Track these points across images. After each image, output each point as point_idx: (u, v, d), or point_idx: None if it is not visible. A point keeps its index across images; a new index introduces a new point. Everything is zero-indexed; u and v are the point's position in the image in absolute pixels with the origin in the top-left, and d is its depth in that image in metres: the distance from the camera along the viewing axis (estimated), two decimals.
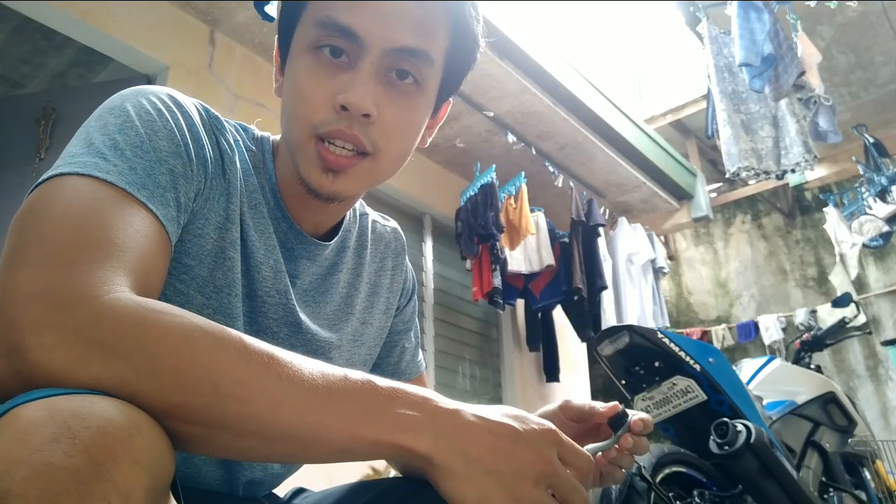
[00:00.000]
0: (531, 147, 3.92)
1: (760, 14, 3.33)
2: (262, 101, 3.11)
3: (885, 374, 5.71)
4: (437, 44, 0.65)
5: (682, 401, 1.94)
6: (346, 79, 0.61)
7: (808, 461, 2.27)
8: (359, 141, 0.62)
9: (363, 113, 0.61)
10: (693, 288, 7.12)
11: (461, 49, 0.68)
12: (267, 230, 0.69)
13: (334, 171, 0.63)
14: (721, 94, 3.82)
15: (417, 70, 0.64)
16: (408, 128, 0.66)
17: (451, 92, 0.73)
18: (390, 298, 0.86)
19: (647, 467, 1.68)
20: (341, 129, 0.62)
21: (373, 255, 0.84)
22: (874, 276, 6.01)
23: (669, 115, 5.76)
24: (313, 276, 0.75)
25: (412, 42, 0.62)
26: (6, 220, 2.24)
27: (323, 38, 0.62)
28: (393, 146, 0.65)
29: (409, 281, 0.90)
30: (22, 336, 0.41)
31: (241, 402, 0.43)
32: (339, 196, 0.67)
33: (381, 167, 0.66)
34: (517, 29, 3.33)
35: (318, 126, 0.62)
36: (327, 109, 0.62)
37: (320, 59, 0.63)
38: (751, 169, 3.70)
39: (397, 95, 0.64)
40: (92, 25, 2.58)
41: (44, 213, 0.49)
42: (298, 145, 0.64)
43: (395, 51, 0.62)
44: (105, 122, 0.58)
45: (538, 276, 4.04)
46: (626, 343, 1.98)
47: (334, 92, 0.61)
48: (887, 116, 5.20)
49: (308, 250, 0.73)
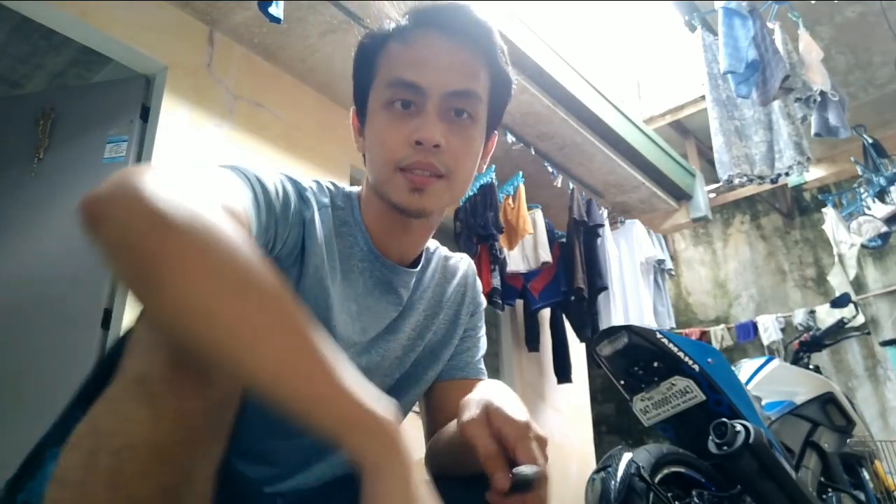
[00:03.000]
0: (530, 147, 3.92)
1: (745, 21, 3.36)
2: (261, 101, 3.11)
3: (883, 375, 5.71)
4: (480, 84, 0.81)
5: (680, 401, 1.94)
6: (417, 122, 0.77)
7: (807, 461, 2.27)
8: (433, 167, 0.77)
9: (434, 144, 0.76)
10: (692, 288, 7.13)
11: (499, 86, 0.85)
12: (359, 275, 0.84)
13: (419, 191, 0.78)
14: (714, 101, 3.85)
15: (470, 106, 0.80)
16: (469, 153, 0.81)
17: (496, 124, 0.89)
18: (456, 311, 0.98)
19: (645, 468, 1.68)
20: (419, 160, 0.77)
21: (443, 278, 0.97)
22: (873, 276, 6.02)
23: (668, 115, 5.77)
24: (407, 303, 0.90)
25: (463, 85, 0.79)
26: (6, 221, 2.24)
27: (395, 95, 0.78)
28: (460, 168, 0.80)
29: (479, 297, 1.02)
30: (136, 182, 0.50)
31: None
32: (426, 211, 0.80)
33: (453, 186, 0.80)
34: (517, 29, 3.33)
35: (401, 161, 0.77)
36: (406, 147, 0.77)
37: (394, 112, 0.79)
38: (743, 175, 3.73)
39: (458, 129, 0.79)
40: (91, 25, 2.58)
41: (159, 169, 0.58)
42: (387, 179, 0.79)
43: (451, 94, 0.78)
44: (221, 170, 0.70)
45: (537, 277, 4.04)
46: (625, 343, 1.98)
47: (409, 133, 0.77)
48: (886, 117, 5.20)
49: (403, 280, 0.88)
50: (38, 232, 2.61)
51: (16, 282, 2.53)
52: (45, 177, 2.70)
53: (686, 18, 4.10)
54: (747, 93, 3.37)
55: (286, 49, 3.14)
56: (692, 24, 4.01)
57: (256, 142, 3.00)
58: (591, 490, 1.68)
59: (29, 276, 2.52)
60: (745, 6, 3.44)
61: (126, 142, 2.67)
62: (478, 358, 0.99)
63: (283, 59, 3.20)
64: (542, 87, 3.59)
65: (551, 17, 4.45)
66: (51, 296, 2.46)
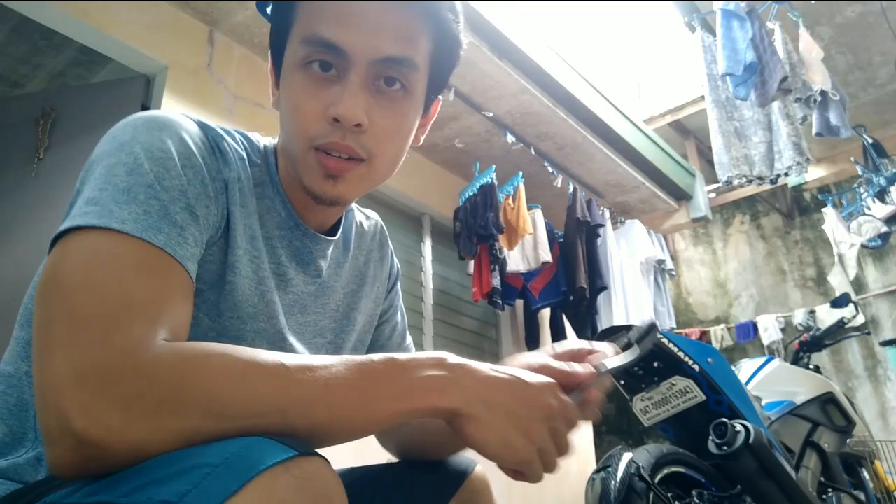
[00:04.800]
0: (530, 147, 3.92)
1: (743, 23, 3.36)
2: (261, 102, 3.11)
3: (883, 375, 5.71)
4: (419, 49, 0.68)
5: (680, 401, 1.94)
6: (336, 91, 0.65)
7: (807, 461, 2.27)
8: (353, 150, 0.66)
9: (354, 123, 0.64)
10: (692, 288, 7.13)
11: (444, 50, 0.71)
12: (278, 243, 0.74)
13: (334, 177, 0.68)
14: (714, 102, 3.86)
15: (403, 76, 0.67)
16: (399, 132, 0.70)
17: (439, 91, 0.76)
18: (379, 287, 0.91)
19: (645, 468, 1.68)
20: (335, 141, 0.65)
21: (358, 250, 0.88)
22: (873, 276, 6.02)
23: (668, 115, 5.77)
24: (326, 275, 0.81)
25: (395, 51, 0.65)
26: (6, 221, 2.24)
27: (311, 55, 0.65)
28: (386, 150, 0.69)
29: (395, 268, 0.96)
30: (71, 421, 0.44)
31: (303, 418, 0.49)
32: (341, 200, 0.71)
33: (376, 171, 0.70)
34: (516, 29, 3.33)
35: (315, 139, 0.66)
36: (321, 122, 0.65)
37: (310, 74, 0.66)
38: (742, 176, 3.73)
39: (387, 102, 0.67)
40: (91, 25, 2.58)
41: (66, 282, 0.51)
42: (299, 157, 0.68)
43: (381, 61, 0.65)
44: (116, 161, 0.59)
45: (537, 277, 4.04)
46: (625, 343, 1.98)
47: (326, 105, 0.65)
48: (886, 117, 5.20)
49: (322, 250, 0.79)
50: (38, 232, 2.61)
51: (16, 282, 2.53)
52: (45, 177, 2.70)
53: (686, 19, 4.10)
54: (746, 95, 3.38)
55: None
56: (692, 25, 4.02)
57: None
58: (591, 490, 1.68)
59: (29, 277, 2.51)
60: (744, 7, 3.45)
61: None
62: (405, 328, 0.97)
63: None
64: (542, 87, 3.59)
65: (551, 17, 4.46)
66: None
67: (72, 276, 0.51)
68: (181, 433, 0.45)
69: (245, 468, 0.41)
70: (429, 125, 0.79)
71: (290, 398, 0.49)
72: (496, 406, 0.55)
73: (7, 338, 0.69)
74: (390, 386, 0.53)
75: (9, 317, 2.86)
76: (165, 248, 0.55)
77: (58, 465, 0.45)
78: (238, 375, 0.48)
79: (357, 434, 0.53)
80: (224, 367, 0.48)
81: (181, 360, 0.48)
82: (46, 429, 0.45)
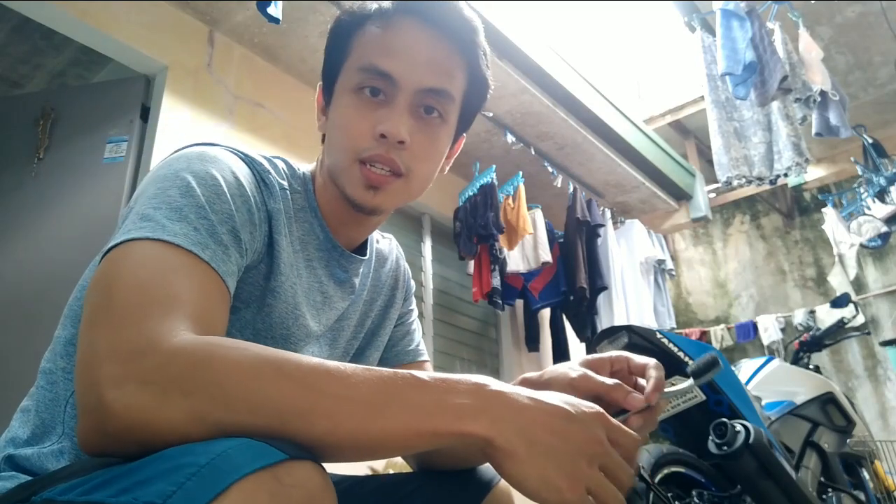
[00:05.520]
0: (530, 147, 3.92)
1: (743, 22, 3.36)
2: (261, 102, 3.11)
3: (883, 375, 5.71)
4: (456, 84, 0.77)
5: (680, 401, 1.94)
6: (384, 113, 0.74)
7: (807, 461, 2.27)
8: (395, 164, 0.74)
9: (398, 140, 0.72)
10: (692, 288, 7.13)
11: (475, 89, 0.81)
12: (317, 264, 0.81)
13: (375, 188, 0.75)
14: (713, 102, 3.86)
15: (441, 106, 0.76)
16: (433, 154, 0.79)
17: (466, 127, 0.86)
18: (396, 304, 0.98)
19: (645, 468, 1.68)
20: (380, 154, 0.73)
21: (380, 268, 0.96)
22: (873, 276, 6.02)
23: (668, 115, 5.77)
24: (357, 292, 0.88)
25: (437, 83, 0.75)
26: (6, 220, 2.24)
27: (365, 81, 0.75)
28: (422, 169, 0.77)
29: (409, 282, 1.02)
30: (102, 392, 0.47)
31: (306, 423, 0.48)
32: (379, 209, 0.78)
33: (411, 186, 0.78)
34: (516, 29, 3.33)
35: (361, 152, 0.74)
36: (369, 138, 0.73)
37: (362, 98, 0.75)
38: (742, 177, 3.73)
39: (425, 127, 0.76)
40: (91, 25, 2.58)
41: (115, 278, 0.55)
42: (344, 169, 0.76)
43: (424, 90, 0.75)
44: (170, 185, 0.64)
45: (537, 277, 4.04)
46: (625, 343, 1.98)
47: (374, 124, 0.73)
48: (886, 117, 5.20)
49: (356, 269, 0.87)
50: (38, 232, 2.61)
51: (16, 282, 2.53)
52: (45, 177, 2.70)
53: (686, 19, 4.10)
54: (745, 94, 3.38)
55: (286, 49, 3.14)
56: (692, 25, 4.02)
57: (256, 142, 3.00)
58: None
59: (29, 276, 2.52)
60: (744, 7, 3.45)
61: (126, 142, 2.67)
62: (419, 340, 1.01)
63: (283, 59, 3.20)
64: (542, 87, 3.59)
65: (551, 17, 4.45)
66: (51, 296, 2.46)
67: (120, 274, 0.55)
68: (188, 414, 0.46)
69: (229, 470, 0.41)
70: (453, 158, 0.88)
71: (292, 404, 0.48)
72: (536, 442, 0.51)
73: (8, 335, 0.71)
74: (404, 404, 0.50)
75: (9, 316, 2.85)
76: (210, 263, 0.60)
77: (83, 438, 0.49)
78: (248, 369, 0.48)
79: (364, 452, 0.50)
80: (239, 359, 0.49)
81: (202, 346, 0.50)
82: (81, 400, 0.49)
